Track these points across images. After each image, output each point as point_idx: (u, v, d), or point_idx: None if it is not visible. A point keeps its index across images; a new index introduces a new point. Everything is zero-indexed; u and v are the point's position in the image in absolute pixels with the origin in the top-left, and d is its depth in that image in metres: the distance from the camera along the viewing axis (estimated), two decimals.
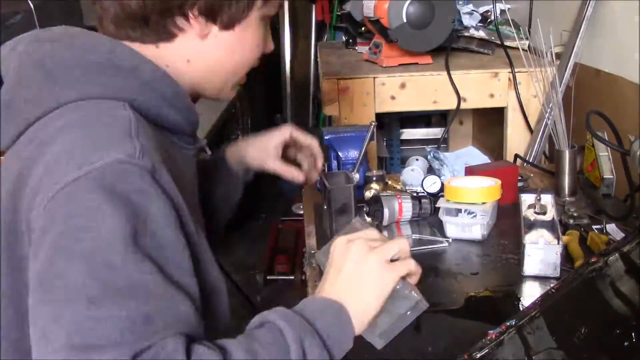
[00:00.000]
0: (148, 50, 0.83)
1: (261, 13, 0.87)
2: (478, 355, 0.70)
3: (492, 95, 1.93)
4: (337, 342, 0.72)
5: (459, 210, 1.23)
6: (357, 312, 0.74)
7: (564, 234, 1.21)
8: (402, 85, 1.91)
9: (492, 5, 2.23)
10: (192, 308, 0.69)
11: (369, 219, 1.33)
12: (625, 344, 0.66)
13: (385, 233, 1.31)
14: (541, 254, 1.08)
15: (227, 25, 0.85)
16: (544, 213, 1.19)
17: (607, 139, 1.33)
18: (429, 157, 1.56)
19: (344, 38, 2.63)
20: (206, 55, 0.86)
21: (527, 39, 2.07)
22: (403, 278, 0.77)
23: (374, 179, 1.42)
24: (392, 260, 0.77)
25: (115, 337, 0.62)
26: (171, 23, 0.82)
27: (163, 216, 0.70)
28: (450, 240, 1.24)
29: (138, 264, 0.66)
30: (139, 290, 0.65)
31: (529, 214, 1.20)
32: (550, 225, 1.14)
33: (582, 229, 1.22)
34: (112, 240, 0.65)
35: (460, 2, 2.40)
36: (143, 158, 0.70)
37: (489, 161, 1.58)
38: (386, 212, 1.30)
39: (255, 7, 0.86)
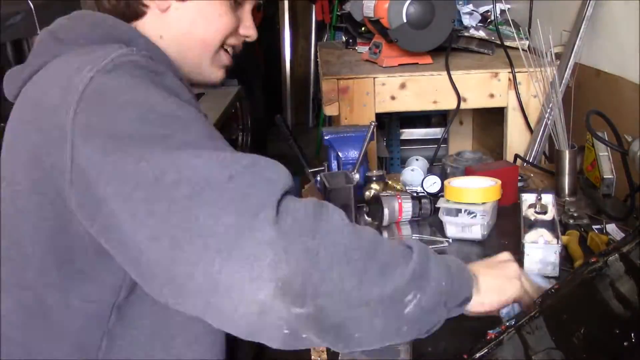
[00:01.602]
0: None
1: None
2: (477, 355, 0.70)
3: (492, 95, 1.93)
4: (456, 292, 0.74)
5: (459, 210, 1.23)
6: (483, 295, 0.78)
7: (563, 234, 1.21)
8: (402, 85, 1.91)
9: (492, 5, 2.23)
10: None
11: (369, 219, 1.33)
12: (625, 344, 0.66)
13: (385, 233, 1.31)
14: (540, 253, 1.08)
15: None
16: (545, 213, 1.19)
17: (607, 139, 1.33)
18: None
19: (344, 38, 2.63)
20: (172, 29, 0.89)
21: (527, 39, 2.07)
22: None
23: (374, 179, 1.42)
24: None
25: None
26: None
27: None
28: (450, 240, 1.24)
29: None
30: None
31: (530, 213, 1.20)
32: (550, 225, 1.14)
33: (582, 229, 1.22)
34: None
35: (460, 2, 2.40)
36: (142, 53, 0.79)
37: None
38: (386, 212, 1.30)
39: None
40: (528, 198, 1.25)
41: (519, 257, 1.11)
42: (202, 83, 1.00)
